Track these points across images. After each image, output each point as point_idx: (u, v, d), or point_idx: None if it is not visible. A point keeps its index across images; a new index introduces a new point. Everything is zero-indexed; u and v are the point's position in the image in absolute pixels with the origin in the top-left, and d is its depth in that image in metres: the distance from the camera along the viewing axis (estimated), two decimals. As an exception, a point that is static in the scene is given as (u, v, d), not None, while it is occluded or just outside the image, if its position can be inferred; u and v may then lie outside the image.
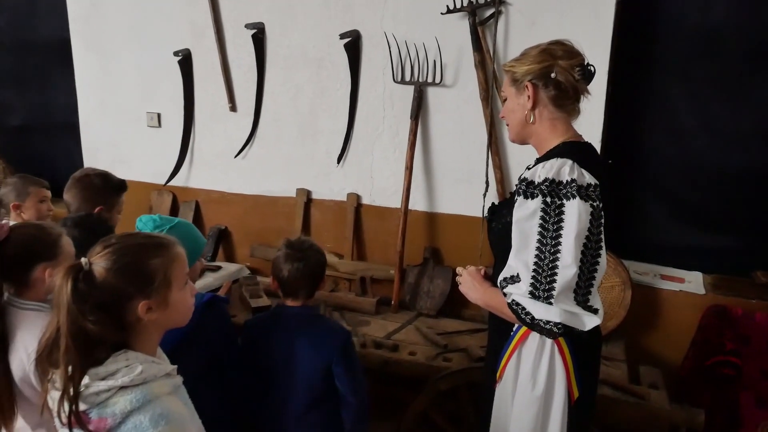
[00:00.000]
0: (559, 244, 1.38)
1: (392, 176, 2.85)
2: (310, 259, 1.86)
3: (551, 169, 1.41)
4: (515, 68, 1.53)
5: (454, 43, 2.62)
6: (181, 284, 1.24)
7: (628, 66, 2.59)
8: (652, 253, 2.73)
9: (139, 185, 3.36)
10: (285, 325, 1.85)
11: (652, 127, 2.64)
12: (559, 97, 1.49)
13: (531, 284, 1.40)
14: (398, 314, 2.75)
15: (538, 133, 1.55)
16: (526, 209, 1.43)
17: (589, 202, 1.38)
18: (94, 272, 1.13)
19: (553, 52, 1.49)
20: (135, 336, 1.18)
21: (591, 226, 1.38)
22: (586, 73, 1.50)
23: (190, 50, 3.10)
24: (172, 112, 3.22)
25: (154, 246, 1.22)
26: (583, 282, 1.40)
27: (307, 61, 2.89)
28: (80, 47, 3.37)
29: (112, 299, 1.13)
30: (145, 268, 1.17)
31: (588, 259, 1.40)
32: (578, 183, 1.38)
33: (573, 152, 1.45)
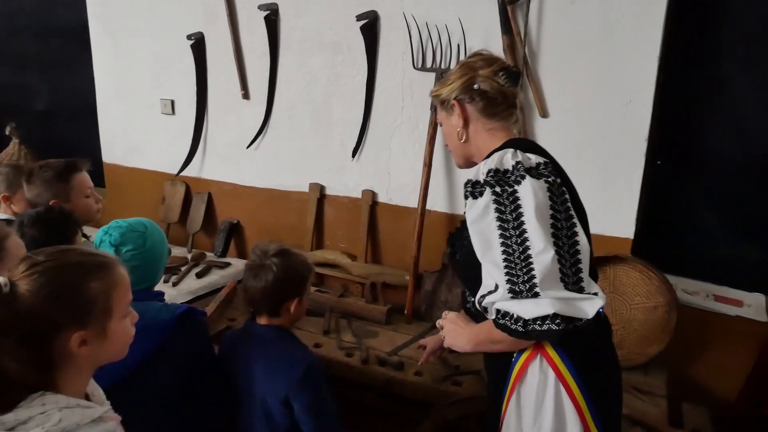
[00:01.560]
0: (524, 232, 1.25)
1: (411, 172, 2.59)
2: (268, 274, 1.64)
3: (492, 161, 1.32)
4: (440, 91, 1.48)
5: (481, 25, 2.32)
6: (122, 312, 1.08)
7: (684, 51, 2.22)
8: (704, 269, 2.36)
9: (153, 174, 3.26)
10: (249, 345, 1.65)
11: (711, 122, 2.26)
12: (489, 107, 1.43)
13: (508, 281, 1.25)
14: (411, 325, 2.51)
15: (478, 147, 1.46)
16: (477, 208, 1.32)
17: (542, 179, 1.28)
18: (17, 296, 0.94)
19: (472, 65, 1.45)
20: (61, 374, 1.00)
21: (553, 202, 1.28)
22: (511, 75, 1.43)
23: (203, 33, 2.93)
24: (185, 99, 3.06)
25: (94, 266, 1.04)
26: (568, 267, 1.26)
27: (322, 45, 2.66)
28: (98, 31, 3.27)
29: (37, 330, 0.96)
30: (82, 294, 1.00)
31: (564, 241, 1.27)
32: (525, 165, 1.29)
33: (514, 144, 1.38)
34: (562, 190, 1.30)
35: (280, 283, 1.67)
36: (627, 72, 2.15)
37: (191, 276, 2.75)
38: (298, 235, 2.87)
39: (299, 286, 1.72)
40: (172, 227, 3.18)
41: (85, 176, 2.20)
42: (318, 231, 2.85)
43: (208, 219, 3.12)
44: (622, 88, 2.16)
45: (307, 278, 1.75)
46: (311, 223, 2.83)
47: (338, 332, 2.40)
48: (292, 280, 1.70)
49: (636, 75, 2.13)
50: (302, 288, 1.73)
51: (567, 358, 1.30)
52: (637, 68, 2.12)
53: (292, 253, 1.77)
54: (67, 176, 2.13)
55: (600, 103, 2.20)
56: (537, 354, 1.32)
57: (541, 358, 1.32)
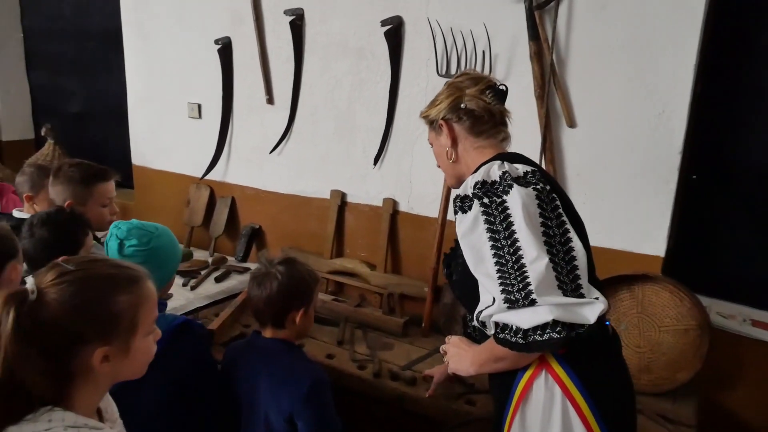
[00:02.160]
0: (516, 241, 1.23)
1: (432, 182, 2.52)
2: (272, 282, 1.59)
3: (479, 174, 1.32)
4: (428, 112, 1.50)
5: (507, 31, 2.25)
6: (147, 329, 1.04)
7: (723, 58, 2.09)
8: (741, 291, 2.21)
9: (179, 177, 3.28)
10: (253, 359, 1.60)
11: (752, 135, 2.12)
12: (475, 125, 1.43)
13: (503, 291, 1.22)
14: (428, 339, 2.43)
15: (468, 166, 1.45)
16: (466, 221, 1.30)
17: (530, 187, 1.27)
18: (44, 304, 0.91)
19: (459, 84, 1.45)
20: (77, 388, 0.97)
21: (543, 209, 1.26)
22: (498, 93, 1.43)
23: (230, 38, 2.94)
24: (212, 103, 3.08)
25: (124, 280, 1.01)
26: (565, 274, 1.23)
27: (346, 51, 2.63)
28: (130, 35, 3.32)
29: (61, 342, 0.93)
30: (109, 308, 0.97)
31: (558, 248, 1.25)
32: (512, 174, 1.28)
33: (500, 156, 1.38)
34: (552, 197, 1.29)
35: (285, 292, 1.63)
36: (660, 80, 2.04)
37: (210, 280, 2.75)
38: (319, 242, 2.84)
39: (305, 296, 1.68)
40: (196, 230, 3.19)
41: (109, 186, 2.20)
42: (338, 238, 2.82)
43: (230, 223, 3.13)
44: (655, 97, 2.05)
45: (313, 288, 1.71)
46: (332, 231, 2.79)
47: (352, 343, 2.35)
48: (298, 289, 1.66)
49: (670, 84, 2.02)
50: (308, 298, 1.69)
51: (573, 373, 1.24)
52: (672, 76, 2.01)
53: (297, 262, 1.73)
54: (91, 181, 2.14)
55: (631, 113, 2.10)
56: (542, 370, 1.27)
57: (546, 374, 1.26)
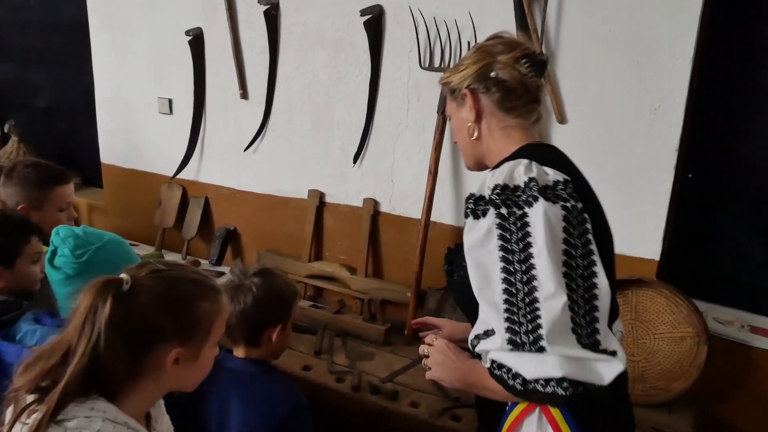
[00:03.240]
0: (532, 268, 1.04)
1: (415, 181, 2.39)
2: (247, 295, 1.45)
3: (501, 174, 1.11)
4: (451, 78, 1.27)
5: (494, 20, 2.11)
6: (215, 341, 1.08)
7: (721, 50, 1.98)
8: (739, 296, 2.11)
9: (150, 176, 3.12)
10: (222, 381, 1.45)
11: (751, 132, 2.02)
12: (506, 99, 1.22)
13: (508, 329, 1.04)
14: (411, 347, 2.30)
15: (490, 149, 1.25)
16: (478, 231, 1.11)
17: (559, 203, 1.07)
18: (136, 296, 0.95)
19: (490, 49, 1.23)
20: (136, 386, 0.98)
21: (569, 234, 1.06)
22: (535, 63, 1.21)
23: (201, 29, 2.78)
24: (183, 98, 2.91)
25: (208, 288, 1.06)
26: (583, 316, 1.04)
27: (323, 42, 2.48)
28: (97, 26, 3.14)
29: (144, 335, 0.96)
30: (194, 310, 1.01)
31: (579, 282, 1.05)
32: (540, 182, 1.08)
33: (529, 152, 1.17)
34: (583, 218, 1.09)
35: (261, 307, 1.49)
36: (656, 75, 1.92)
37: (181, 285, 2.59)
38: (296, 244, 2.70)
39: (283, 311, 1.54)
40: (168, 232, 3.03)
41: (68, 189, 2.06)
42: (317, 241, 2.67)
43: (204, 225, 2.97)
44: (650, 92, 1.93)
45: (292, 302, 1.57)
46: (310, 232, 2.65)
47: (331, 353, 2.21)
48: (275, 304, 1.52)
49: (666, 78, 1.90)
50: (286, 313, 1.55)
51: (571, 418, 1.09)
52: (668, 71, 1.89)
53: (275, 273, 1.59)
54: (48, 184, 1.99)
55: (625, 109, 1.98)
56: (536, 408, 1.12)
57: (540, 414, 1.12)
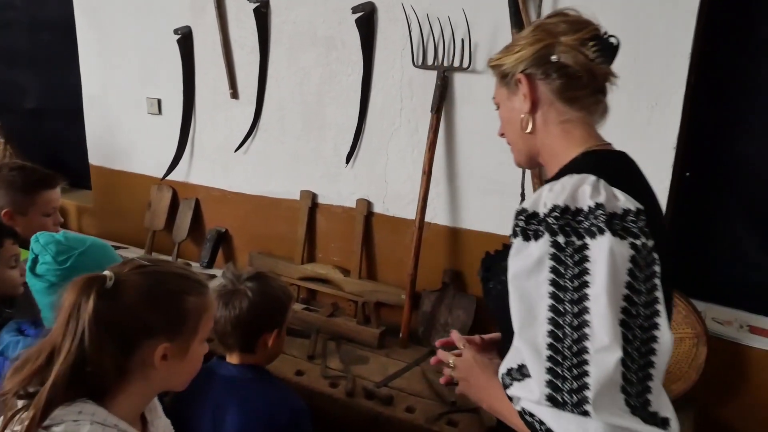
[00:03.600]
0: (585, 311, 0.87)
1: (409, 181, 2.35)
2: (242, 301, 1.42)
3: (563, 192, 0.93)
4: (503, 60, 1.10)
5: (488, 18, 2.08)
6: (203, 337, 1.06)
7: (719, 46, 1.95)
8: (739, 296, 2.08)
9: (140, 178, 3.07)
10: (217, 389, 1.41)
11: (750, 130, 1.99)
12: (568, 88, 1.05)
13: (548, 383, 0.88)
14: (406, 350, 2.27)
15: (545, 145, 1.08)
16: (527, 258, 0.93)
17: (628, 239, 0.89)
18: (120, 291, 0.94)
19: (551, 28, 1.05)
20: (126, 385, 0.96)
21: (633, 278, 0.88)
22: (605, 46, 1.03)
23: (190, 28, 2.72)
24: (172, 98, 2.86)
25: (194, 283, 1.05)
26: (635, 371, 0.87)
27: (315, 40, 2.43)
28: (84, 25, 3.08)
29: (130, 331, 0.95)
30: (181, 304, 1.00)
31: (637, 333, 0.88)
32: (607, 209, 0.90)
33: (598, 164, 0.99)
34: (652, 259, 0.91)
35: (257, 312, 1.45)
36: (653, 71, 1.88)
37: (171, 289, 2.54)
38: (289, 246, 2.65)
39: (279, 316, 1.51)
40: (158, 235, 2.98)
41: (55, 194, 2.01)
42: (309, 242, 2.63)
43: (195, 227, 2.92)
44: (647, 89, 1.90)
45: (287, 307, 1.54)
46: (302, 234, 2.61)
47: (324, 357, 2.17)
48: (271, 309, 1.48)
49: (663, 74, 1.87)
50: (282, 318, 1.52)
51: None
52: (665, 67, 1.86)
53: (270, 278, 1.56)
54: (34, 188, 1.94)
55: (621, 107, 1.90)
56: None
57: None
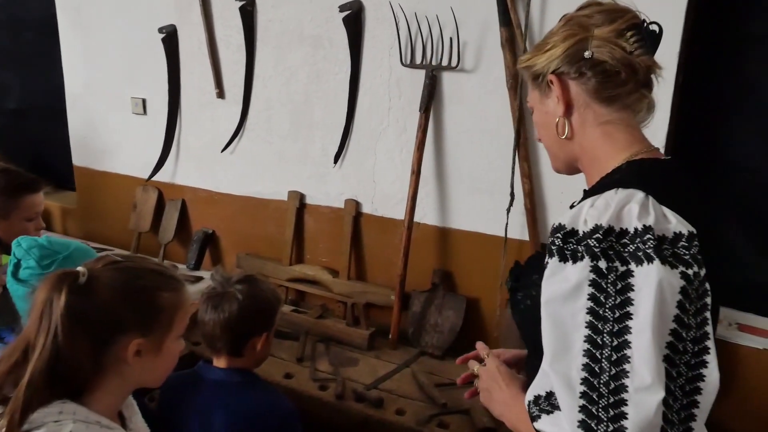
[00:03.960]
0: (626, 346, 0.79)
1: (398, 181, 2.33)
2: (231, 303, 1.39)
3: (607, 210, 0.84)
4: (533, 60, 0.99)
5: (476, 16, 2.06)
6: (178, 333, 1.06)
7: (708, 46, 1.95)
8: (727, 294, 2.07)
9: (125, 179, 3.02)
10: (203, 393, 1.38)
11: (737, 129, 1.99)
12: (605, 87, 0.94)
13: (581, 423, 0.80)
14: (396, 351, 2.25)
15: (584, 149, 0.99)
16: (563, 282, 0.84)
17: (679, 268, 0.80)
18: (93, 288, 0.94)
19: (584, 21, 0.95)
20: (102, 382, 0.96)
21: (683, 311, 0.80)
22: (646, 35, 0.93)
23: (175, 26, 2.69)
24: (157, 98, 2.82)
25: (168, 278, 1.05)
26: (677, 411, 0.80)
27: (302, 39, 2.41)
28: (66, 23, 3.03)
29: (103, 327, 0.95)
30: (154, 300, 1.00)
31: (682, 370, 0.81)
32: (657, 232, 0.81)
33: (646, 178, 0.88)
34: (704, 290, 0.82)
35: (246, 316, 1.43)
36: (642, 70, 1.88)
37: (157, 292, 2.51)
38: (277, 247, 2.62)
39: (268, 320, 1.48)
40: (144, 237, 2.94)
41: (37, 198, 1.97)
42: (297, 243, 2.60)
43: (181, 228, 2.88)
44: (636, 88, 1.89)
45: (277, 310, 1.51)
46: (290, 235, 2.58)
47: (313, 359, 2.15)
48: (261, 312, 1.46)
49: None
50: (271, 322, 1.50)
51: None
52: (654, 66, 1.86)
53: (259, 280, 1.53)
54: (17, 193, 1.90)
55: (610, 106, 1.94)
56: None
57: None
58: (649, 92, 0.98)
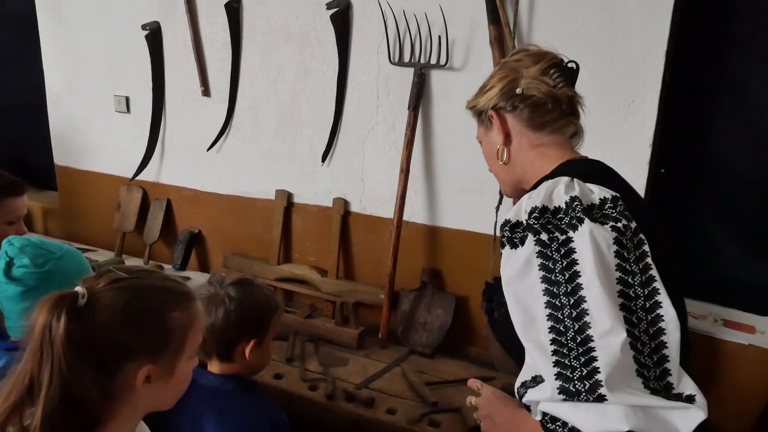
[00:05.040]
0: (582, 301, 0.88)
1: (386, 179, 2.33)
2: (218, 306, 1.37)
3: (539, 195, 0.97)
4: (476, 101, 1.18)
5: (465, 14, 2.06)
6: (192, 353, 0.98)
7: (694, 45, 1.97)
8: (712, 291, 2.12)
9: (107, 178, 2.97)
10: (196, 399, 1.36)
11: (724, 127, 2.02)
12: (535, 115, 1.11)
13: (558, 375, 0.87)
14: (386, 350, 2.24)
15: (525, 171, 1.13)
16: (515, 263, 0.96)
17: (608, 224, 0.92)
18: (95, 310, 0.85)
19: (514, 65, 1.14)
20: (115, 411, 0.88)
21: (622, 259, 0.90)
22: (565, 71, 1.11)
23: (159, 23, 2.65)
24: (141, 96, 2.78)
25: (180, 294, 0.95)
26: (649, 354, 0.87)
27: (289, 37, 2.39)
28: (46, 20, 2.97)
29: (108, 354, 0.86)
30: (164, 322, 0.91)
31: (640, 315, 0.89)
32: (584, 201, 0.94)
33: (569, 169, 1.04)
34: (640, 240, 0.92)
35: (232, 320, 1.39)
36: (629, 69, 1.89)
37: (143, 293, 2.47)
38: (264, 246, 2.60)
39: (258, 325, 1.43)
40: (128, 237, 2.89)
41: (20, 202, 1.91)
42: (285, 243, 2.58)
43: (166, 228, 2.84)
44: (624, 87, 1.91)
45: (269, 317, 1.46)
46: (278, 234, 2.56)
47: (303, 360, 2.13)
48: (249, 317, 1.41)
49: (639, 72, 1.88)
50: (263, 328, 1.44)
51: None
52: (641, 65, 1.87)
53: (254, 285, 1.49)
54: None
55: (598, 104, 1.94)
56: None
57: None
58: (576, 119, 1.13)
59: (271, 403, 1.46)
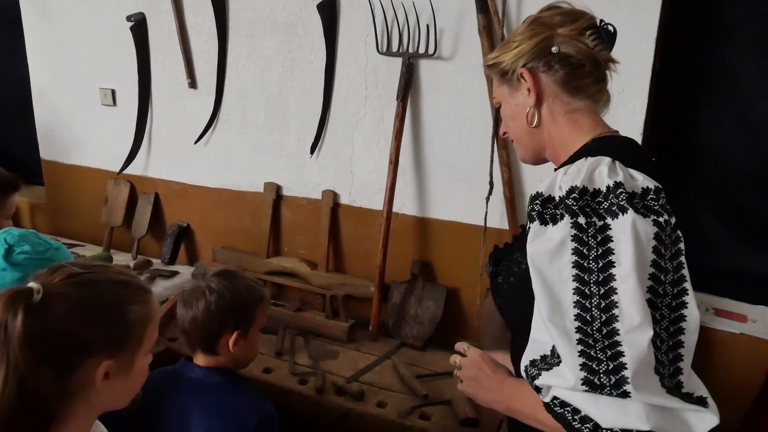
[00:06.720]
0: (612, 293, 0.85)
1: (375, 171, 2.30)
2: (200, 298, 1.36)
3: (579, 174, 0.92)
4: (501, 57, 1.07)
5: (453, 3, 2.03)
6: (149, 348, 0.97)
7: (683, 34, 1.95)
8: (703, 280, 2.10)
9: (94, 172, 2.94)
10: (182, 392, 1.35)
11: (714, 115, 2.00)
12: (572, 77, 1.03)
13: (583, 366, 0.85)
14: (376, 343, 2.23)
15: (552, 137, 1.07)
16: (547, 242, 0.90)
17: (651, 217, 0.88)
18: (50, 306, 0.82)
19: (547, 21, 1.05)
20: (72, 410, 0.86)
21: (659, 255, 0.87)
22: (603, 33, 1.03)
23: (144, 14, 2.60)
24: (127, 89, 2.74)
25: (136, 289, 0.95)
26: (665, 352, 0.87)
27: (275, 27, 2.35)
28: (30, 11, 2.92)
29: (65, 350, 0.84)
30: (122, 316, 0.90)
31: (665, 313, 0.88)
32: (627, 188, 0.88)
33: (610, 148, 0.97)
34: (677, 237, 0.90)
35: (214, 311, 1.38)
36: (619, 57, 1.83)
37: (131, 288, 2.45)
38: (254, 240, 2.58)
39: (240, 316, 1.42)
40: (116, 231, 2.86)
41: (17, 198, 2.00)
42: (275, 236, 2.56)
43: (155, 222, 2.81)
44: (614, 75, 1.87)
45: (253, 308, 1.44)
46: (267, 227, 2.53)
47: (293, 353, 2.12)
48: (231, 308, 1.40)
49: (629, 60, 1.85)
50: (246, 319, 1.43)
51: None
52: (631, 53, 1.85)
53: (237, 276, 1.47)
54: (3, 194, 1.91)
55: (588, 93, 1.93)
56: None
57: None
58: (605, 85, 1.08)
59: (258, 395, 1.44)
